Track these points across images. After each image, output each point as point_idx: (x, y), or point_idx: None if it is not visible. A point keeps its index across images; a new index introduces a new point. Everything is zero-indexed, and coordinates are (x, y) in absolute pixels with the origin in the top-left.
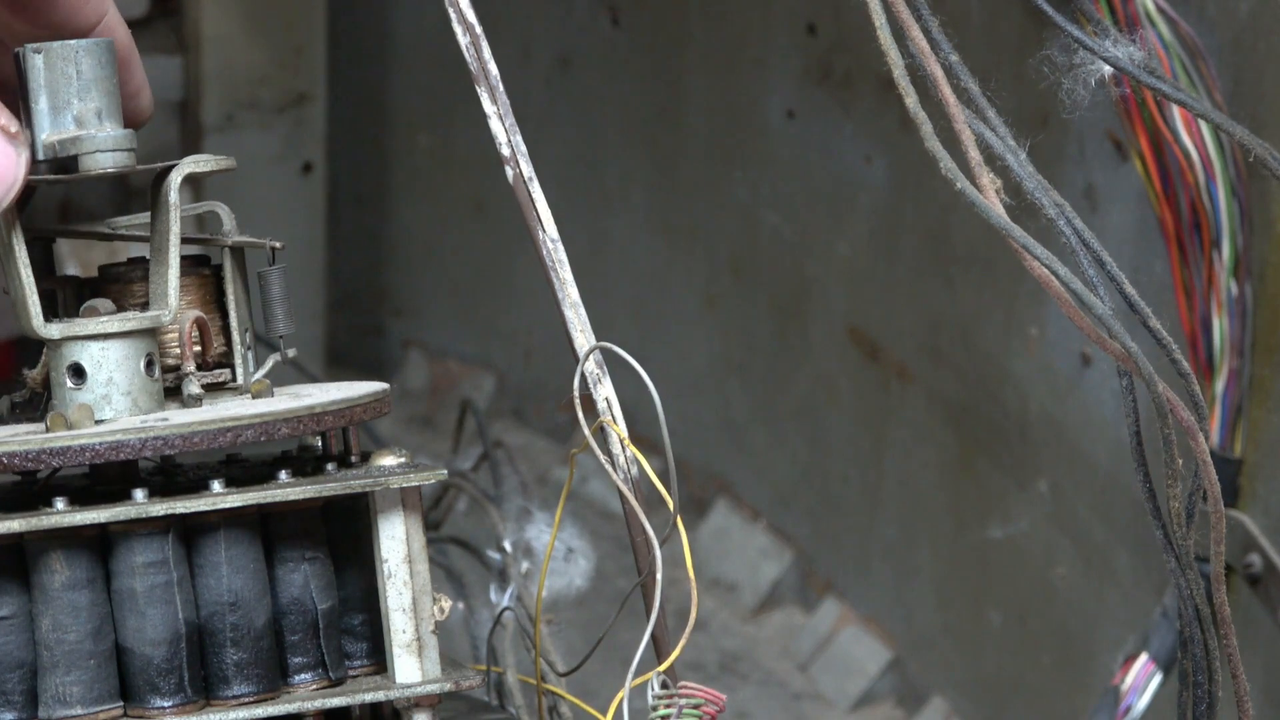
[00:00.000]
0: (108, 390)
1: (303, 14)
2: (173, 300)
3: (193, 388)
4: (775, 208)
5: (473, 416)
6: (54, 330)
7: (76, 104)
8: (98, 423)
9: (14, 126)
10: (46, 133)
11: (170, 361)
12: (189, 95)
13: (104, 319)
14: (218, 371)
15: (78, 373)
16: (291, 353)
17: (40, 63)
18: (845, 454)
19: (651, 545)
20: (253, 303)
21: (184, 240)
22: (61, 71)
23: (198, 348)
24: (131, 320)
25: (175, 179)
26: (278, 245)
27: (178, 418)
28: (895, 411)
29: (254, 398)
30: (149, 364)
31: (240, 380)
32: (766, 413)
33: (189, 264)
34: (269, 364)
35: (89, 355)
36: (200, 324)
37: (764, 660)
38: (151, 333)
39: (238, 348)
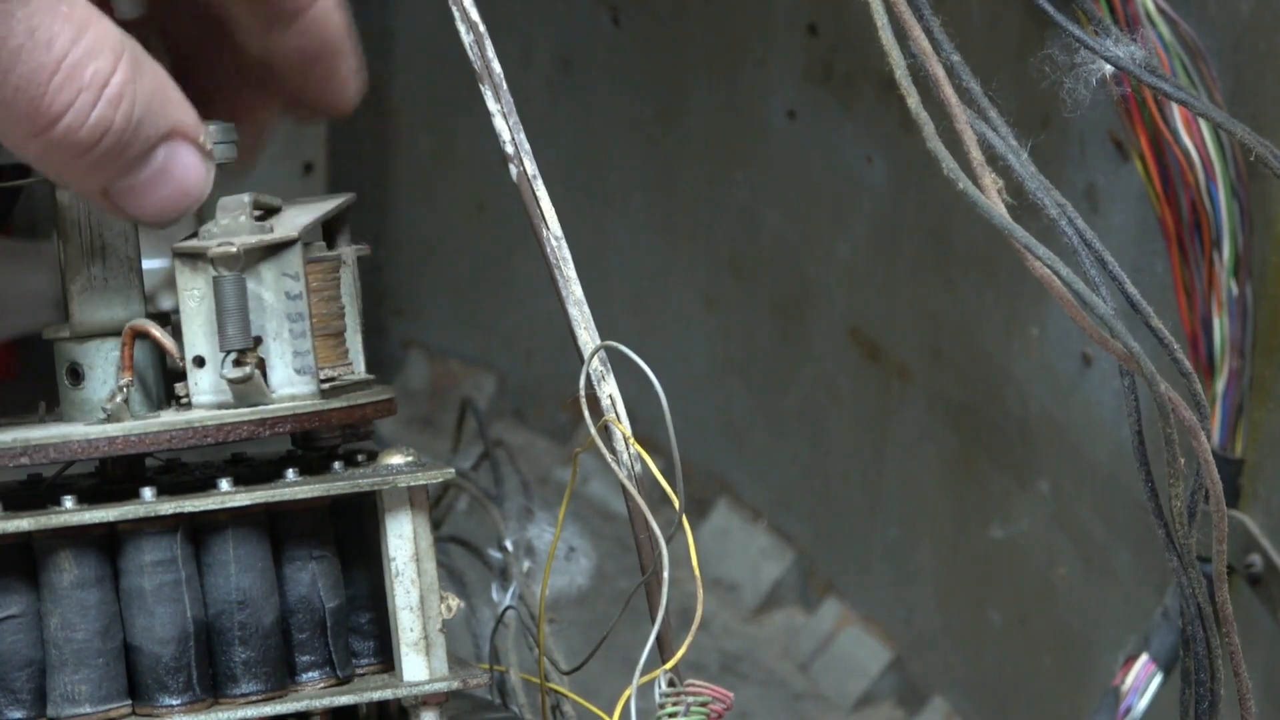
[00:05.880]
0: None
1: None
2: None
3: (108, 402)
4: (776, 208)
5: (473, 416)
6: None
7: None
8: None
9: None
10: None
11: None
12: None
13: (50, 326)
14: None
15: None
16: (234, 372)
17: None
18: (846, 454)
19: (657, 543)
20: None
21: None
22: None
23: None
24: (46, 328)
25: None
26: (219, 251)
27: (51, 430)
28: (896, 412)
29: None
30: (71, 373)
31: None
32: (767, 413)
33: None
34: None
35: None
36: (146, 333)
37: (765, 660)
38: (72, 342)
39: (189, 364)
